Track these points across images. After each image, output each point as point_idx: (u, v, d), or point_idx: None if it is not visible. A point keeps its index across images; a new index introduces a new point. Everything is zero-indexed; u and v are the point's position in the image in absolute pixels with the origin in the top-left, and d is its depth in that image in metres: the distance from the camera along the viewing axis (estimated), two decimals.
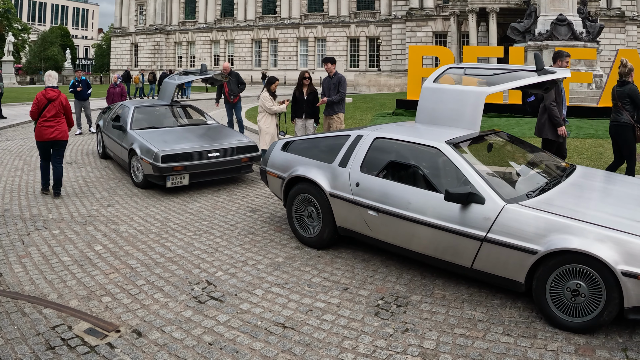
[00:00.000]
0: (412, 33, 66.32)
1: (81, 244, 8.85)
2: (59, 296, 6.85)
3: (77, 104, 23.90)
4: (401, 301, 6.71)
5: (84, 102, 23.97)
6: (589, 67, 29.02)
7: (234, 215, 10.55)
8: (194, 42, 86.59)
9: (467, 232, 6.55)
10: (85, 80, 24.05)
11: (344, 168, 8.12)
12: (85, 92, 23.79)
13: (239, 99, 19.24)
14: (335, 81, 13.79)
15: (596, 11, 51.82)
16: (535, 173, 7.93)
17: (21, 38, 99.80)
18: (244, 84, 19.59)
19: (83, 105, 24.04)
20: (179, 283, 7.27)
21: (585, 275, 5.82)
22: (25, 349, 5.60)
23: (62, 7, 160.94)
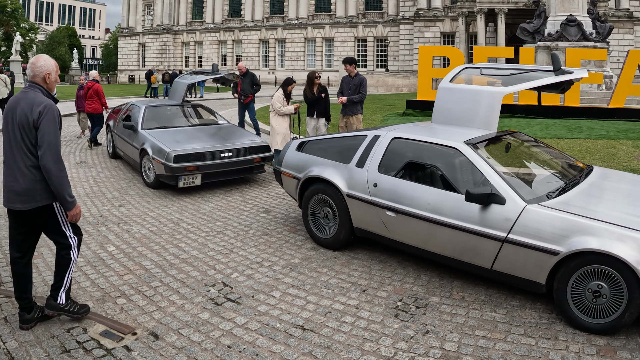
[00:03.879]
0: (420, 33, 66.25)
1: (94, 245, 8.80)
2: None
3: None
4: (420, 302, 6.65)
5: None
6: (599, 68, 28.87)
7: (248, 215, 10.50)
8: (201, 42, 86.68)
9: (488, 232, 6.48)
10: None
11: (361, 168, 8.05)
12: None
13: (251, 99, 19.11)
14: (357, 82, 13.75)
15: (605, 12, 51.71)
16: (554, 174, 7.87)
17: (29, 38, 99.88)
18: (259, 85, 19.39)
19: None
20: (194, 284, 7.22)
21: (607, 276, 5.76)
22: (40, 352, 5.54)
23: (70, 7, 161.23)
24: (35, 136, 5.65)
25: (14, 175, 5.75)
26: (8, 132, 5.78)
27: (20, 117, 5.68)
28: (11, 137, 5.75)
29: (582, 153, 15.54)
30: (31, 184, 5.71)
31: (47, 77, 5.98)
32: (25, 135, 5.67)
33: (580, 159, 14.27)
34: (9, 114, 5.80)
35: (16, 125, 5.71)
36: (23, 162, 5.70)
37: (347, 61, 13.83)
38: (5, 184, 5.85)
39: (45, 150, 5.61)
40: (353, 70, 13.82)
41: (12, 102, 5.87)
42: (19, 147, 5.70)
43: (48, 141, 5.63)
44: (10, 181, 5.79)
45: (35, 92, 5.85)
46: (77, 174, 14.50)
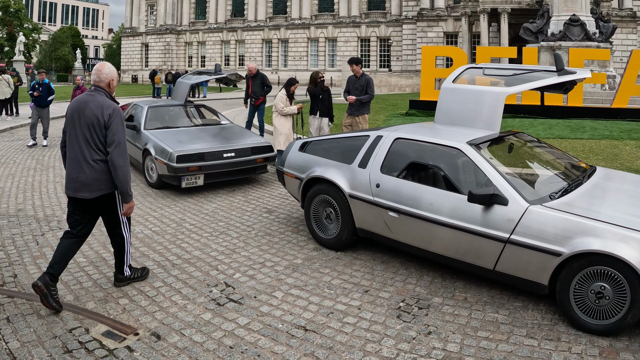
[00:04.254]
0: (423, 33, 66.20)
1: (96, 245, 8.80)
2: (75, 298, 6.80)
3: (34, 110, 20.48)
4: (423, 303, 6.63)
5: (42, 109, 20.42)
6: (602, 68, 28.85)
7: (250, 216, 10.50)
8: (204, 42, 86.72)
9: (490, 233, 6.47)
10: (48, 84, 20.77)
11: (364, 169, 8.04)
12: (45, 98, 20.47)
13: (261, 101, 19.04)
14: (363, 82, 13.76)
15: (608, 11, 51.61)
16: (557, 174, 7.85)
17: (32, 38, 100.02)
18: (270, 86, 19.10)
19: (41, 114, 20.40)
20: (196, 285, 7.21)
21: (610, 277, 5.74)
22: (42, 352, 5.54)
23: (73, 7, 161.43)
24: (104, 134, 6.48)
25: (81, 167, 6.51)
26: (75, 130, 6.56)
27: (91, 118, 6.46)
28: (79, 135, 6.53)
29: (585, 153, 15.52)
30: (97, 175, 6.52)
31: (111, 82, 6.83)
32: (94, 134, 6.47)
33: (584, 159, 14.26)
34: (76, 114, 6.57)
35: (85, 125, 6.48)
36: (90, 157, 6.49)
37: (353, 61, 13.84)
38: (70, 176, 6.60)
39: (115, 147, 6.46)
40: (359, 70, 13.83)
41: (79, 103, 6.62)
42: (88, 143, 6.49)
43: (118, 140, 6.49)
44: (77, 173, 6.54)
45: (101, 95, 6.67)
46: None
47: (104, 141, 6.51)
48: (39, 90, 20.24)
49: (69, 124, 6.65)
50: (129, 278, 7.21)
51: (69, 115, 6.67)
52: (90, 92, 6.73)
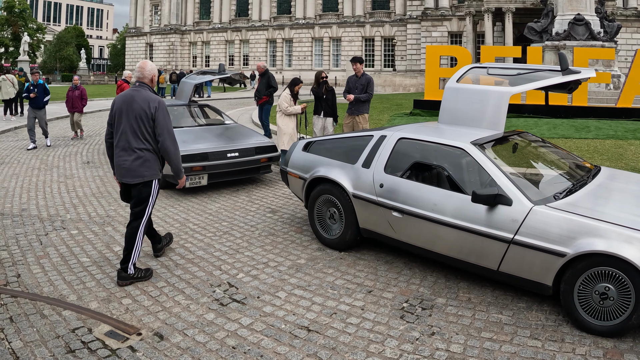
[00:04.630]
0: (427, 33, 66.19)
1: (100, 245, 8.80)
2: (78, 298, 6.79)
3: (30, 112, 20.17)
4: (426, 304, 6.61)
5: (39, 110, 20.11)
6: (607, 67, 28.77)
7: (254, 216, 10.49)
8: (208, 42, 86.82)
9: (494, 234, 6.44)
10: (43, 85, 20.66)
11: (368, 169, 8.03)
12: (41, 100, 20.25)
13: (265, 100, 19.01)
14: (364, 81, 13.77)
15: (613, 11, 51.55)
16: (561, 174, 7.83)
17: (36, 38, 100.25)
18: (274, 87, 19.04)
19: (37, 115, 20.05)
20: (200, 285, 7.21)
21: (614, 278, 5.71)
22: (44, 352, 5.54)
23: (77, 8, 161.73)
24: (152, 126, 7.22)
25: (128, 156, 7.24)
26: (123, 122, 7.24)
27: (138, 111, 7.18)
28: (126, 126, 7.22)
29: (590, 153, 15.49)
30: (140, 162, 7.24)
31: (153, 78, 7.62)
32: (142, 125, 7.19)
33: (588, 159, 14.23)
34: (124, 107, 7.28)
35: (133, 117, 7.18)
36: (137, 146, 7.21)
37: (357, 60, 13.84)
38: (118, 163, 7.33)
39: (165, 136, 7.24)
40: (361, 69, 13.83)
41: (126, 98, 7.33)
42: (135, 134, 7.20)
43: (167, 129, 7.28)
44: (124, 161, 7.26)
45: (145, 90, 7.42)
46: (84, 173, 14.53)
47: (151, 131, 7.25)
48: (35, 92, 20.16)
49: (116, 117, 7.35)
50: (132, 277, 7.31)
51: (117, 109, 7.34)
52: (135, 88, 7.45)
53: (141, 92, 7.36)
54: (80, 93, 21.78)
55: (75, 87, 21.95)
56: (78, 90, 21.82)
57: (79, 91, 21.80)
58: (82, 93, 21.85)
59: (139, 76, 7.59)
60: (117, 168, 7.38)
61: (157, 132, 7.24)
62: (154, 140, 7.30)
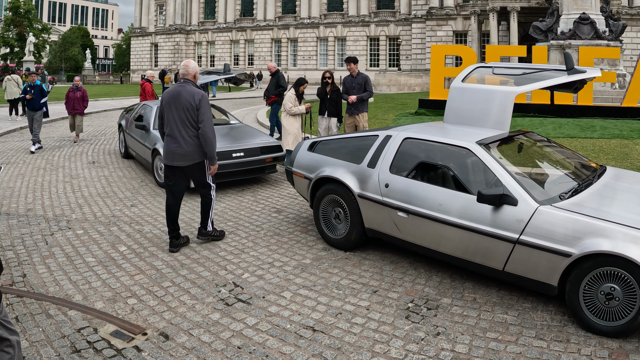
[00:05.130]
0: (432, 32, 66.08)
1: (105, 245, 8.82)
2: (83, 298, 6.81)
3: (28, 114, 19.86)
4: (431, 304, 6.61)
5: (34, 112, 19.45)
6: (612, 67, 28.72)
7: (259, 215, 10.50)
8: (213, 42, 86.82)
9: (499, 234, 6.44)
10: (40, 86, 19.95)
11: (373, 169, 8.02)
12: (38, 101, 19.61)
13: (273, 100, 19.01)
14: (361, 81, 13.76)
15: (618, 10, 51.41)
16: (566, 174, 7.81)
17: (42, 38, 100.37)
18: (283, 87, 19.04)
19: (34, 117, 19.39)
20: (205, 285, 7.22)
21: (620, 278, 5.70)
22: (50, 351, 5.56)
23: (82, 8, 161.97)
24: (196, 115, 8.36)
25: (179, 142, 8.43)
26: (173, 114, 8.43)
27: (185, 103, 8.35)
28: (176, 117, 8.41)
29: (596, 153, 15.46)
30: (191, 148, 8.45)
31: (195, 74, 8.70)
32: (189, 115, 8.37)
33: (594, 158, 14.20)
34: (172, 101, 8.44)
35: (181, 109, 8.37)
36: (186, 133, 8.41)
37: (351, 60, 13.85)
38: (170, 149, 8.50)
39: (205, 123, 8.38)
40: (356, 69, 13.84)
41: (174, 93, 8.52)
42: (184, 123, 8.39)
43: (207, 119, 8.42)
44: (176, 147, 8.45)
45: (189, 85, 8.54)
46: (90, 173, 14.55)
47: (196, 120, 8.38)
48: (32, 93, 19.50)
49: (166, 109, 8.52)
50: (209, 234, 9.02)
51: (166, 102, 8.52)
52: (180, 84, 8.58)
53: (186, 87, 8.50)
54: (82, 94, 21.09)
55: (76, 88, 21.20)
56: (79, 91, 21.08)
57: (80, 92, 21.07)
58: (84, 94, 21.17)
59: (183, 73, 8.71)
60: (169, 153, 8.53)
61: (199, 119, 8.37)
62: (197, 128, 8.42)
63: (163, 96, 8.71)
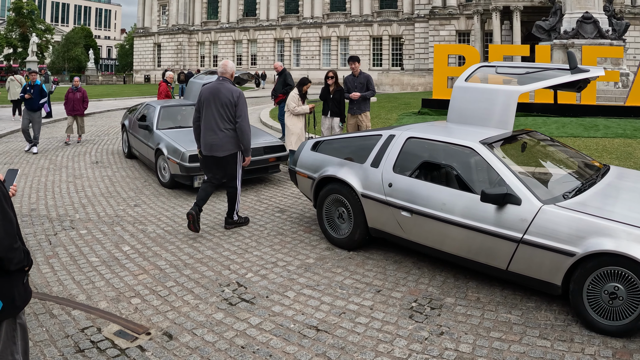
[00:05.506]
0: (435, 32, 66.04)
1: (109, 245, 8.83)
2: (87, 297, 6.82)
3: (25, 114, 19.32)
4: (435, 304, 6.61)
5: (33, 113, 18.93)
6: (615, 66, 28.63)
7: (263, 215, 10.51)
8: (216, 41, 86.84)
9: (503, 233, 6.43)
10: (40, 86, 19.37)
11: (376, 168, 8.02)
12: (36, 102, 19.01)
13: (280, 99, 18.97)
14: (363, 80, 13.76)
15: (621, 9, 51.38)
16: (570, 173, 7.81)
17: (45, 39, 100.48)
18: (291, 85, 18.88)
19: (31, 118, 18.85)
20: (209, 285, 7.22)
21: (623, 278, 5.69)
22: (54, 351, 5.57)
23: (85, 8, 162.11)
24: (234, 111, 9.32)
25: (216, 134, 9.36)
26: (211, 108, 9.36)
27: (223, 99, 9.30)
28: (214, 111, 9.34)
29: (599, 152, 15.43)
30: (227, 139, 9.39)
31: (232, 73, 9.71)
32: (227, 110, 9.32)
33: (597, 158, 14.18)
34: (211, 97, 9.38)
35: (219, 104, 9.30)
36: (223, 126, 9.33)
37: (355, 59, 13.85)
38: (207, 141, 9.44)
39: (242, 118, 9.36)
40: (358, 68, 13.84)
41: (213, 89, 9.44)
42: (222, 117, 9.32)
43: (244, 114, 9.42)
44: (213, 139, 9.39)
45: (227, 83, 9.52)
46: (93, 173, 14.56)
47: (233, 115, 9.32)
48: (31, 93, 18.84)
49: (204, 104, 9.45)
50: (236, 222, 9.78)
51: (205, 98, 9.45)
52: (219, 81, 9.53)
53: (224, 84, 9.45)
54: (82, 95, 20.72)
55: (75, 88, 20.81)
56: (79, 92, 20.70)
57: (80, 93, 20.69)
58: (84, 95, 20.82)
59: (222, 72, 9.65)
60: (206, 145, 9.46)
61: (237, 114, 9.32)
62: (235, 122, 9.34)
63: (202, 91, 9.61)
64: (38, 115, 19.19)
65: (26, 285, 4.14)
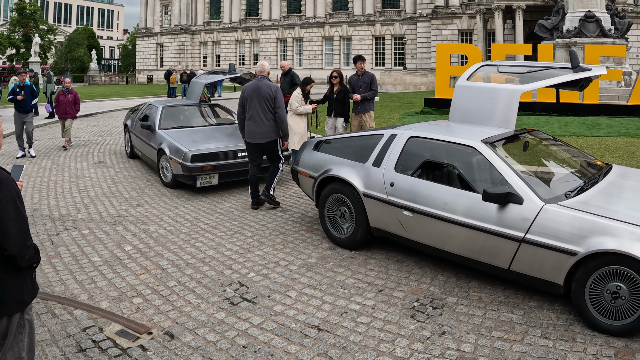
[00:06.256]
0: (437, 31, 65.94)
1: (111, 244, 8.84)
2: (89, 297, 6.83)
3: (16, 116, 18.03)
4: (437, 303, 6.60)
5: (25, 115, 17.96)
6: (618, 65, 28.64)
7: (265, 215, 10.51)
8: (219, 41, 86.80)
9: (505, 232, 6.42)
10: (30, 86, 18.39)
11: (378, 168, 8.01)
12: (29, 103, 18.12)
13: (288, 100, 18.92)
14: (367, 79, 13.75)
15: (623, 7, 51.30)
16: (572, 172, 7.79)
17: (47, 39, 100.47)
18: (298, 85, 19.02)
19: (25, 120, 17.89)
20: (210, 284, 7.22)
21: (626, 277, 5.68)
22: (55, 351, 5.58)
23: (88, 9, 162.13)
24: (273, 103, 10.79)
25: (259, 124, 10.80)
26: (255, 102, 10.77)
27: (264, 94, 10.76)
28: (257, 104, 10.77)
29: (601, 151, 15.42)
30: (268, 128, 10.85)
31: (268, 73, 11.31)
32: (268, 103, 10.77)
33: (600, 157, 14.17)
34: (254, 92, 10.81)
35: (262, 98, 10.75)
36: (265, 117, 10.79)
37: (360, 58, 13.84)
38: (251, 130, 10.86)
39: (281, 109, 10.87)
40: (362, 67, 13.83)
41: (254, 86, 10.88)
42: (263, 109, 10.77)
43: (282, 105, 10.93)
44: (256, 128, 10.82)
45: (266, 80, 11.03)
46: (95, 173, 14.57)
47: (273, 107, 10.78)
48: (22, 94, 17.77)
49: (248, 99, 10.85)
50: (270, 197, 11.14)
51: (249, 94, 10.86)
52: (258, 79, 11.02)
53: (264, 81, 10.94)
54: (74, 97, 19.52)
55: (66, 90, 19.55)
56: (70, 94, 19.51)
57: (71, 95, 19.50)
58: (75, 97, 19.64)
59: (260, 71, 11.18)
60: (250, 133, 10.87)
61: (276, 105, 10.79)
62: (275, 112, 10.78)
63: (245, 89, 11.01)
64: (31, 116, 18.28)
65: (34, 280, 4.20)
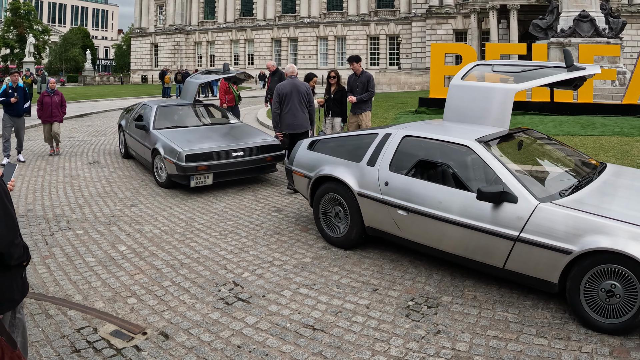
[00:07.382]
0: (432, 31, 65.95)
1: (105, 245, 8.82)
2: (83, 297, 6.81)
3: (6, 120, 17.03)
4: (432, 302, 6.60)
5: (17, 119, 16.97)
6: (612, 64, 28.67)
7: (259, 215, 10.49)
8: (213, 41, 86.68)
9: (500, 231, 6.43)
10: (23, 89, 17.37)
11: (373, 167, 8.01)
12: (22, 106, 17.06)
13: None
14: (364, 79, 13.73)
15: (618, 7, 51.36)
16: (567, 171, 7.79)
17: (42, 39, 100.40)
18: None
19: (17, 125, 16.96)
20: (205, 284, 7.21)
21: (621, 276, 5.69)
22: (50, 351, 5.57)
23: (82, 9, 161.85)
24: (308, 98, 12.34)
25: (296, 116, 12.14)
26: (293, 97, 12.07)
27: (302, 90, 12.24)
28: (295, 99, 12.11)
29: (596, 150, 15.43)
30: (304, 121, 12.28)
31: (297, 73, 12.60)
32: (303, 98, 12.24)
33: (594, 156, 14.17)
34: (293, 89, 12.12)
35: (299, 94, 12.14)
36: (301, 110, 12.21)
37: (355, 59, 13.82)
38: (289, 122, 12.13)
39: (312, 103, 12.48)
40: (359, 68, 13.82)
41: (292, 84, 12.19)
42: (300, 103, 12.18)
43: (312, 101, 12.56)
44: (293, 120, 12.13)
45: (296, 79, 12.42)
46: (90, 173, 14.54)
47: (307, 101, 12.30)
48: (15, 96, 16.59)
49: (287, 95, 12.05)
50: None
51: (288, 91, 12.07)
52: (292, 79, 12.38)
53: (296, 80, 12.36)
54: (60, 99, 18.20)
55: (52, 91, 18.21)
56: (57, 95, 18.21)
57: (58, 97, 18.18)
58: (62, 99, 18.31)
59: (291, 72, 12.51)
60: (289, 125, 12.10)
61: (309, 100, 12.37)
62: (309, 106, 12.33)
63: (283, 87, 12.12)
64: (22, 121, 17.33)
65: (24, 279, 4.20)
